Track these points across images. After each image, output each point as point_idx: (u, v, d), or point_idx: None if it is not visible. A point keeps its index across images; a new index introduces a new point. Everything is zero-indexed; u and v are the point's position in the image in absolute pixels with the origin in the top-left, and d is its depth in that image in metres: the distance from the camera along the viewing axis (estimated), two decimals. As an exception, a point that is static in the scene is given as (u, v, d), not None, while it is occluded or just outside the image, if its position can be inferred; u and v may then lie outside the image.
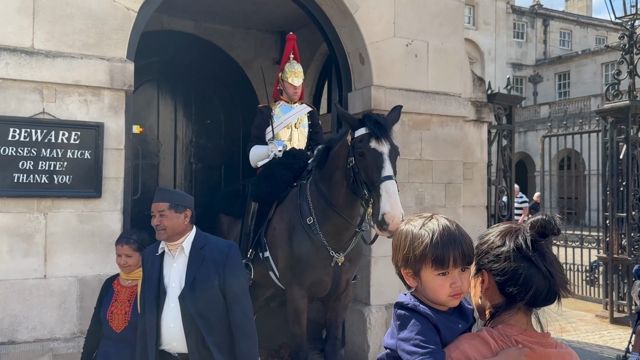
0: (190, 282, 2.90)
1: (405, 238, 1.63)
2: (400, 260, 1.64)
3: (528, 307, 1.55)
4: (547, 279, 1.51)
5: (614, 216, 8.02)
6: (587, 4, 43.17)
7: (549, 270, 1.51)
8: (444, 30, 6.03)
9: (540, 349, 1.52)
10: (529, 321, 1.57)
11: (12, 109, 4.14)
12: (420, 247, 1.58)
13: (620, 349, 6.48)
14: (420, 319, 1.58)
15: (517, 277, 1.52)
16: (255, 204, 4.76)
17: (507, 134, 6.91)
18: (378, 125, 3.67)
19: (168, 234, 2.96)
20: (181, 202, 3.05)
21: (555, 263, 1.54)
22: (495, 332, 1.53)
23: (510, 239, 1.57)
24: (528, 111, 31.21)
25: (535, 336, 1.55)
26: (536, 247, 1.54)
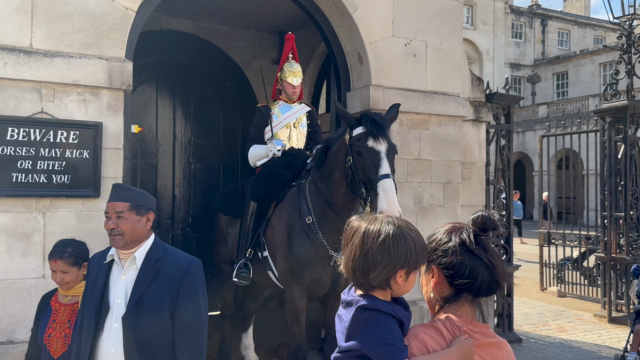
0: (136, 300, 2.41)
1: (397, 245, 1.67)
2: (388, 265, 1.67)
3: (473, 299, 1.69)
4: (489, 270, 1.65)
5: (612, 216, 8.03)
6: (585, 4, 43.22)
7: (491, 262, 1.65)
8: (442, 30, 6.04)
9: (483, 339, 1.67)
10: (474, 313, 1.70)
11: (11, 109, 4.13)
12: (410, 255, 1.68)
13: (618, 348, 6.49)
14: (387, 318, 1.66)
15: (464, 269, 1.65)
16: (254, 203, 4.76)
17: (505, 133, 6.92)
18: (375, 124, 3.68)
19: (126, 240, 2.47)
20: (144, 202, 2.55)
21: (495, 255, 1.68)
22: (447, 322, 1.67)
23: (456, 235, 1.70)
24: (526, 111, 31.26)
25: (480, 327, 1.69)
26: (479, 241, 1.68)
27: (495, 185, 6.82)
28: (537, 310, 8.66)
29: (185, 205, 7.70)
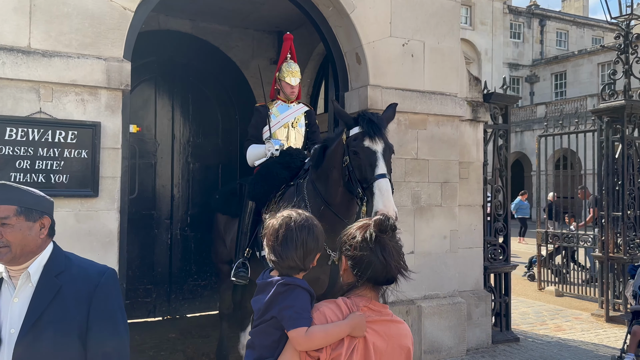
0: (31, 324, 1.91)
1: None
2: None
3: (374, 285, 2.01)
4: (383, 265, 1.95)
5: (609, 215, 8.06)
6: (583, 4, 43.30)
7: (385, 259, 1.95)
8: (440, 30, 6.06)
9: (377, 317, 1.98)
10: (375, 295, 2.02)
11: (9, 109, 4.14)
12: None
13: (615, 347, 6.52)
14: (302, 291, 2.05)
15: (362, 262, 1.97)
16: (252, 202, 4.77)
17: (503, 133, 6.93)
18: (372, 123, 3.68)
19: (14, 254, 1.97)
20: (35, 204, 2.04)
21: (393, 253, 1.97)
22: (348, 300, 2.01)
23: (361, 232, 2.01)
24: (525, 111, 31.30)
25: (378, 306, 2.01)
26: (378, 240, 1.97)
27: (493, 185, 6.84)
28: (534, 310, 8.68)
29: (184, 204, 7.71)
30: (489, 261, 6.73)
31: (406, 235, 5.75)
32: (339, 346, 1.92)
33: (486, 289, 6.63)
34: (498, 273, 6.84)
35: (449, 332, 5.91)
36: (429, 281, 5.88)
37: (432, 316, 5.80)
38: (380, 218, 2.01)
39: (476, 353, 6.22)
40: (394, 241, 2.02)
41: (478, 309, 6.41)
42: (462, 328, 6.01)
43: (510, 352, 6.35)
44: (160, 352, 5.95)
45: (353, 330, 1.93)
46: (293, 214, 2.20)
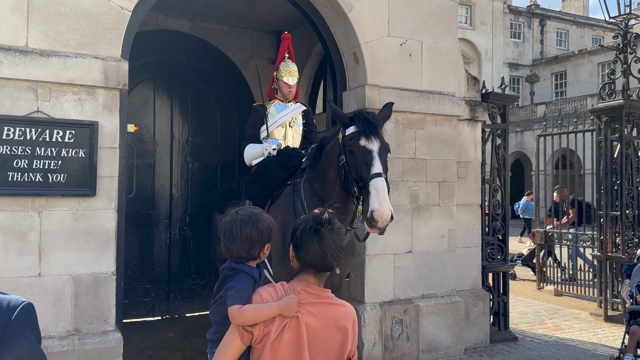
0: None
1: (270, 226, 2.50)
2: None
3: (316, 272, 2.20)
4: (320, 255, 2.16)
5: (608, 215, 8.06)
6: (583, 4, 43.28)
7: (322, 249, 2.16)
8: (438, 29, 6.06)
9: (313, 300, 2.17)
10: (316, 281, 2.20)
11: (7, 108, 4.15)
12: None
13: (614, 346, 6.52)
14: (245, 275, 2.38)
15: (302, 251, 2.19)
16: (250, 202, 4.78)
17: (501, 133, 6.94)
18: (367, 123, 3.69)
19: None
20: None
21: (330, 245, 2.17)
22: (287, 285, 2.22)
23: (303, 224, 2.23)
24: (525, 111, 31.29)
25: (317, 290, 2.19)
26: (317, 232, 2.18)
27: (491, 185, 6.84)
28: (533, 309, 8.68)
29: (182, 204, 7.73)
30: (487, 260, 6.73)
31: (404, 235, 5.76)
32: (270, 324, 2.15)
33: (484, 288, 6.63)
34: (496, 272, 6.84)
35: (446, 332, 5.91)
36: (427, 280, 5.89)
37: (430, 315, 5.81)
38: (317, 212, 2.24)
39: (474, 352, 6.23)
40: (335, 234, 2.22)
41: (476, 308, 6.41)
42: (460, 327, 6.02)
43: (509, 351, 6.35)
44: (159, 351, 5.96)
45: (283, 311, 2.13)
46: (240, 210, 2.47)
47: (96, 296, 4.41)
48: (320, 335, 2.16)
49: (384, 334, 5.58)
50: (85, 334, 4.35)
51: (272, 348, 2.15)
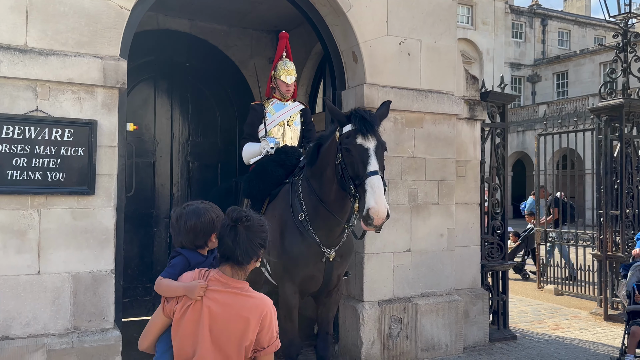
0: None
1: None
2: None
3: (233, 264, 2.43)
4: (232, 250, 2.39)
5: (607, 214, 8.06)
6: (585, 4, 43.24)
7: (233, 244, 2.39)
8: (437, 28, 6.07)
9: (220, 287, 2.42)
10: (232, 271, 2.44)
11: (6, 107, 4.17)
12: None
13: (613, 345, 6.53)
14: (181, 258, 2.69)
15: (220, 243, 2.45)
16: (248, 200, 4.80)
17: (500, 132, 6.94)
18: (364, 121, 3.71)
19: None
20: None
21: (242, 241, 2.39)
22: (204, 271, 2.50)
23: (224, 220, 2.50)
24: (526, 111, 31.27)
25: (227, 279, 2.44)
26: (233, 228, 2.41)
27: (490, 184, 6.85)
28: (533, 308, 8.68)
29: (182, 203, 7.72)
30: (487, 259, 6.74)
31: (403, 234, 5.77)
32: (177, 303, 2.45)
33: (484, 287, 6.64)
34: (495, 271, 6.84)
35: (445, 330, 5.92)
36: (426, 279, 5.89)
37: (429, 314, 5.82)
38: (231, 210, 2.47)
39: (473, 351, 6.23)
40: (251, 231, 2.43)
41: (475, 307, 6.42)
42: (459, 326, 6.02)
43: (508, 350, 6.36)
44: (158, 349, 5.97)
45: (188, 292, 2.42)
46: (188, 205, 2.76)
47: (95, 294, 4.42)
48: (222, 321, 2.36)
49: (383, 332, 5.58)
50: (84, 332, 4.37)
51: (176, 324, 2.45)
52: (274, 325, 2.46)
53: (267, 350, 2.44)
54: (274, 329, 2.46)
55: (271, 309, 2.45)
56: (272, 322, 2.44)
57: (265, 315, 2.41)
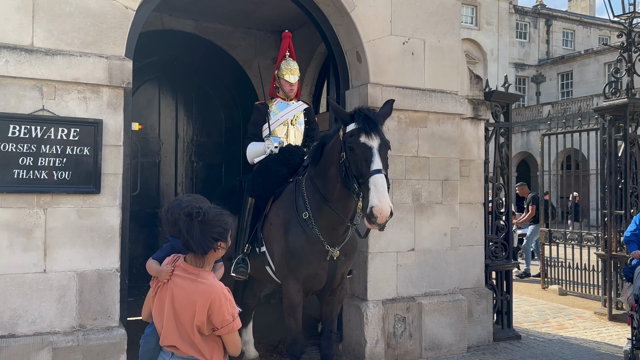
0: None
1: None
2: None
3: (194, 254, 2.76)
4: (186, 241, 2.74)
5: (612, 214, 8.05)
6: (590, 4, 43.13)
7: (186, 236, 2.73)
8: (440, 28, 6.08)
9: (182, 273, 2.77)
10: (194, 260, 2.78)
11: (12, 106, 4.20)
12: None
13: (618, 345, 6.52)
14: (168, 244, 3.15)
15: (181, 235, 2.79)
16: (252, 199, 4.82)
17: (504, 131, 6.94)
18: (367, 120, 3.72)
19: None
20: None
21: (196, 234, 2.70)
22: (176, 257, 2.87)
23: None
24: (531, 111, 31.21)
25: (186, 266, 2.78)
26: (189, 222, 2.73)
27: (494, 183, 6.85)
28: (537, 308, 8.68)
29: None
30: (490, 259, 6.74)
31: (407, 233, 5.78)
32: (154, 283, 2.91)
33: (487, 287, 6.64)
34: (499, 271, 6.84)
35: (449, 329, 5.93)
36: (430, 278, 5.90)
37: (433, 313, 5.82)
38: (187, 205, 2.85)
39: (477, 350, 6.23)
40: (206, 225, 2.71)
41: (479, 306, 6.42)
42: (463, 325, 6.03)
43: (512, 349, 6.36)
44: (162, 348, 6.00)
45: (158, 275, 2.85)
46: (180, 197, 3.22)
47: (100, 292, 4.45)
48: (180, 302, 2.72)
49: (387, 331, 5.59)
50: (90, 330, 4.40)
51: (152, 300, 2.90)
52: (225, 309, 2.68)
53: (220, 331, 2.71)
54: (226, 312, 2.69)
55: (220, 295, 2.68)
56: (222, 306, 2.68)
57: (214, 300, 2.67)
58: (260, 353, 5.68)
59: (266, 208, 4.72)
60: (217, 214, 2.79)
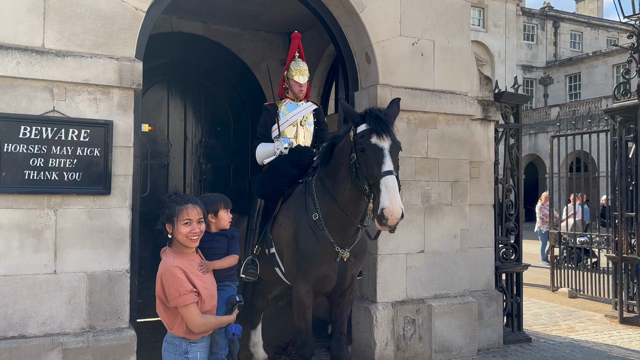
0: None
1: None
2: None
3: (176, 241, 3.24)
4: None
5: (623, 216, 7.98)
6: (598, 6, 42.96)
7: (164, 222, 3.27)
8: (450, 29, 6.06)
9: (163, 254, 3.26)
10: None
11: (23, 107, 4.21)
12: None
13: (630, 348, 6.46)
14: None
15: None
16: (261, 200, 4.81)
17: (514, 132, 6.90)
18: (379, 120, 3.70)
19: None
20: None
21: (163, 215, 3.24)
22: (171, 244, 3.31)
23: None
24: (538, 113, 31.09)
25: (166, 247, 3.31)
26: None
27: (504, 185, 6.81)
28: (547, 311, 8.62)
29: (195, 205, 7.76)
30: (501, 261, 6.70)
31: (416, 234, 5.75)
32: None
33: (497, 289, 6.59)
34: (509, 273, 6.80)
35: (459, 332, 5.89)
36: (439, 280, 5.87)
37: (443, 315, 5.79)
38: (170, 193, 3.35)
39: (487, 353, 6.19)
40: (165, 208, 3.23)
41: (489, 308, 6.38)
42: (473, 328, 5.99)
43: (522, 352, 6.31)
44: (171, 350, 5.99)
45: None
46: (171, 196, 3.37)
47: (110, 293, 4.45)
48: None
49: (397, 333, 5.57)
50: (100, 331, 4.40)
51: None
52: (172, 286, 3.06)
53: (170, 304, 3.10)
54: (173, 289, 3.06)
55: (167, 272, 3.09)
56: (168, 282, 3.07)
57: (163, 274, 3.11)
58: (269, 355, 5.66)
59: (275, 209, 4.71)
60: (171, 200, 3.25)
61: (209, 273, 3.43)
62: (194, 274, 3.20)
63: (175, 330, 3.19)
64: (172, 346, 3.23)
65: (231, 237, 3.89)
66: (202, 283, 3.21)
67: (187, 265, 3.18)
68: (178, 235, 3.19)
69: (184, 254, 3.25)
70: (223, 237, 3.85)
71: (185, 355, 3.19)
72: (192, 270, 3.21)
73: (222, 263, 3.71)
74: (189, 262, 3.23)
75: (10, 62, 4.14)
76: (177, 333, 3.19)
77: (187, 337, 3.20)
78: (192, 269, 3.22)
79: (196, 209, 3.23)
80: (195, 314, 3.12)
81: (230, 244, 3.86)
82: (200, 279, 3.23)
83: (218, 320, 3.34)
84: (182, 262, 3.18)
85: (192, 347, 3.22)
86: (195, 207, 3.23)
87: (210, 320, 3.23)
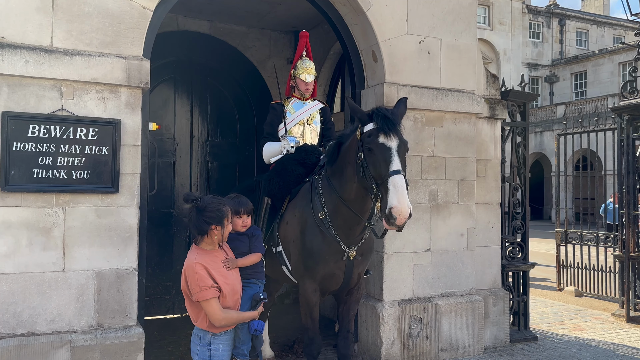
0: None
1: None
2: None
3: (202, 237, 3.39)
4: (186, 224, 3.72)
5: (629, 214, 7.95)
6: (604, 3, 42.74)
7: (189, 220, 3.38)
8: (456, 27, 6.05)
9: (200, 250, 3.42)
10: (199, 239, 3.41)
11: (32, 106, 4.24)
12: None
13: (637, 347, 6.44)
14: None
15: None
16: (268, 199, 4.81)
17: (521, 131, 6.88)
18: (386, 120, 3.69)
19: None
20: None
21: (194, 217, 3.35)
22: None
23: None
24: (544, 111, 30.99)
25: (193, 245, 3.44)
26: (190, 208, 3.38)
27: (511, 183, 6.79)
28: (553, 310, 8.60)
29: (201, 203, 7.77)
30: (507, 259, 6.69)
31: (423, 233, 5.75)
32: None
33: (504, 288, 6.58)
34: (516, 272, 6.79)
35: (466, 331, 5.89)
36: (446, 279, 5.87)
37: (449, 314, 5.79)
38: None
39: (494, 352, 6.19)
40: (205, 211, 3.32)
41: (496, 307, 6.37)
42: (480, 326, 5.98)
43: (529, 350, 6.30)
44: (179, 347, 6.01)
45: None
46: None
47: (118, 291, 4.47)
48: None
49: (403, 332, 5.57)
50: (108, 329, 4.42)
51: None
52: (194, 282, 3.24)
53: (193, 298, 3.29)
54: (195, 284, 3.24)
55: (190, 268, 3.26)
56: (191, 277, 3.26)
57: (186, 270, 3.30)
58: (275, 353, 5.68)
59: (282, 207, 4.72)
60: (213, 202, 3.37)
61: (234, 270, 3.55)
62: (216, 270, 3.33)
63: (199, 324, 3.37)
64: (197, 338, 3.43)
65: (252, 235, 3.97)
66: (223, 279, 3.34)
67: (209, 262, 3.32)
68: (216, 235, 3.39)
69: (207, 250, 3.40)
70: (244, 236, 3.94)
71: (208, 347, 3.38)
72: (215, 266, 3.34)
73: (245, 261, 3.76)
74: (211, 259, 3.36)
75: (19, 61, 4.16)
76: (200, 326, 3.38)
77: (210, 330, 3.36)
78: (215, 265, 3.36)
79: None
80: (216, 308, 3.26)
81: (252, 242, 3.93)
82: (222, 275, 3.36)
83: (240, 316, 3.45)
84: (205, 259, 3.32)
85: (215, 339, 3.38)
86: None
87: (231, 315, 3.36)
